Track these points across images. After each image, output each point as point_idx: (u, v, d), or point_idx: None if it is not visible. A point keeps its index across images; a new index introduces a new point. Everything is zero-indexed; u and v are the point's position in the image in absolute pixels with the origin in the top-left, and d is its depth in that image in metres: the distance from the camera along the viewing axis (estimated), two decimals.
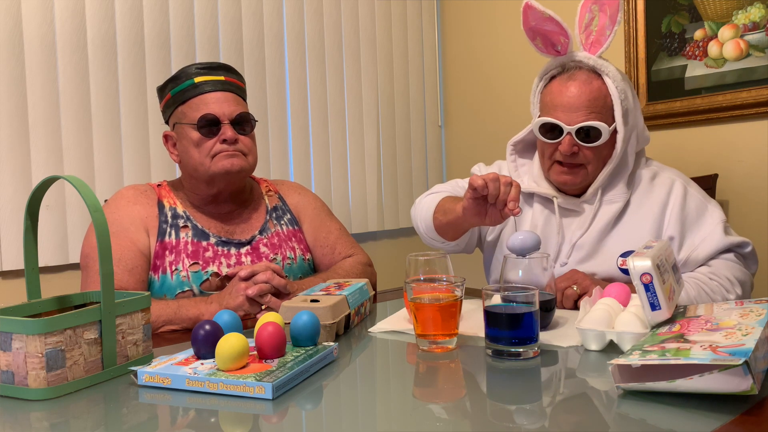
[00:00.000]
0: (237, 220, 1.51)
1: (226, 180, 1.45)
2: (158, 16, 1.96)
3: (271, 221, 1.55)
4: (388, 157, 2.62)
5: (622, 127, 1.36)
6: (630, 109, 1.39)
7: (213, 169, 1.41)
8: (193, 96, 1.43)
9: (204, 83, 1.44)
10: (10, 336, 0.85)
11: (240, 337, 0.89)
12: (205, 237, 1.45)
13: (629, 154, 1.41)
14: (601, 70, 1.38)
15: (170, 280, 1.39)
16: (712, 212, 1.39)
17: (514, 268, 1.13)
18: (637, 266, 0.94)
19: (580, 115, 1.34)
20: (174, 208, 1.47)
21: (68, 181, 0.92)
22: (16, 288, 1.71)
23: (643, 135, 1.45)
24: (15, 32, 1.70)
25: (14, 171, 1.71)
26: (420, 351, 1.04)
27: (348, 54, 2.48)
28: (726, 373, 0.71)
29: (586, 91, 1.35)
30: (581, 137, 1.35)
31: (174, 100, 1.45)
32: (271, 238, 1.52)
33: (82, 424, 0.79)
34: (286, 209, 1.60)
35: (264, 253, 1.49)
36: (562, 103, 1.36)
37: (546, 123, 1.37)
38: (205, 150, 1.42)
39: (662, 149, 2.11)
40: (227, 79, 1.47)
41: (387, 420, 0.76)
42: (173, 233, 1.43)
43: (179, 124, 1.45)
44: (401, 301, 1.45)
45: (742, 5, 1.90)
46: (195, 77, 1.43)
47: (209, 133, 1.42)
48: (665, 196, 1.40)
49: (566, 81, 1.38)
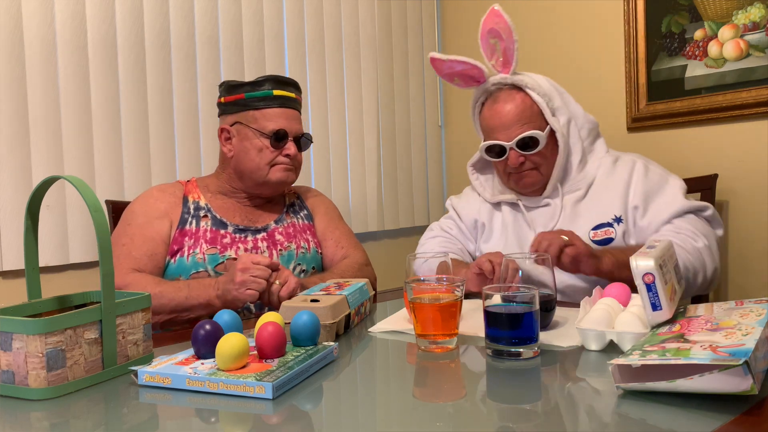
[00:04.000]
0: (255, 211, 1.62)
1: (277, 188, 1.60)
2: (158, 16, 1.96)
3: (288, 214, 1.66)
4: (388, 157, 2.62)
5: (557, 125, 1.51)
6: (558, 107, 1.54)
7: (270, 177, 1.55)
8: (269, 106, 1.54)
9: (281, 97, 1.55)
10: (10, 336, 0.85)
11: (240, 336, 0.89)
12: (224, 226, 1.55)
13: (573, 143, 1.55)
14: (519, 84, 1.53)
15: (186, 262, 1.47)
16: (673, 182, 1.51)
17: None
18: (640, 266, 0.94)
19: (515, 129, 1.51)
20: (197, 201, 1.58)
21: (68, 181, 0.92)
22: (16, 288, 1.71)
23: (586, 119, 1.58)
24: (15, 32, 1.70)
25: (14, 171, 1.70)
26: (420, 351, 1.04)
27: (348, 54, 2.47)
28: (726, 373, 0.71)
29: (512, 107, 1.52)
30: (523, 148, 1.50)
31: (247, 102, 1.54)
32: (286, 228, 1.62)
33: (82, 424, 0.79)
34: (303, 206, 1.72)
35: (279, 240, 1.59)
36: (495, 124, 1.53)
37: (489, 146, 1.54)
38: (267, 158, 1.54)
39: (662, 149, 2.11)
40: (297, 98, 1.59)
41: (387, 420, 0.76)
42: (194, 222, 1.54)
43: (244, 126, 1.55)
44: (401, 301, 1.45)
45: (742, 5, 1.90)
46: (274, 89, 1.54)
47: (276, 145, 1.54)
48: (628, 174, 1.52)
49: (492, 104, 1.55)
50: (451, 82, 1.63)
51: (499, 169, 1.60)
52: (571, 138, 1.55)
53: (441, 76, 1.63)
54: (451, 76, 1.60)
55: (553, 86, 1.57)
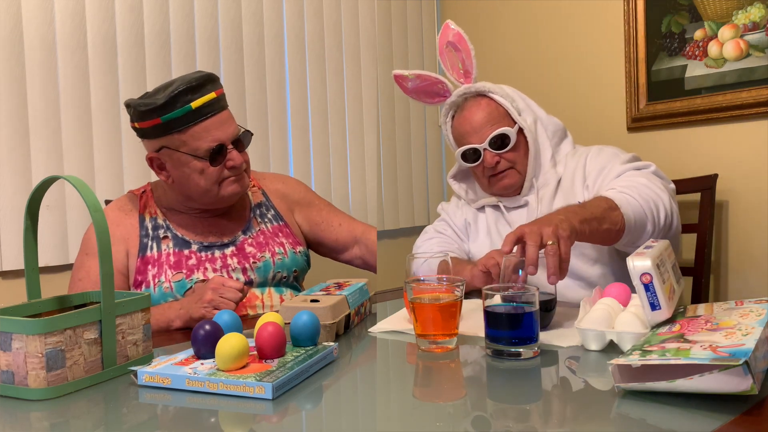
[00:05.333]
0: (219, 223, 1.49)
1: (232, 201, 1.47)
2: (158, 16, 1.96)
3: (255, 219, 1.53)
4: (388, 157, 2.62)
5: (524, 123, 1.55)
6: (523, 108, 1.60)
7: (222, 194, 1.41)
8: (192, 123, 1.34)
9: (202, 108, 1.34)
10: (10, 336, 0.85)
11: (240, 337, 0.89)
12: (187, 245, 1.43)
13: (542, 141, 1.59)
14: (483, 90, 1.59)
15: (153, 294, 1.37)
16: (623, 156, 1.52)
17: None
18: (637, 266, 0.94)
19: (485, 130, 1.54)
20: (155, 218, 1.46)
21: (68, 181, 0.92)
22: (16, 288, 1.71)
23: (550, 121, 1.62)
24: (15, 32, 1.70)
25: (14, 171, 1.71)
26: (420, 351, 1.04)
27: (348, 54, 2.47)
28: (726, 373, 0.71)
29: (480, 111, 1.56)
30: (496, 147, 1.54)
31: (167, 126, 1.34)
32: (256, 237, 1.50)
33: (82, 424, 0.79)
34: (269, 205, 1.58)
35: (251, 252, 1.47)
36: (467, 130, 1.57)
37: (463, 151, 1.57)
38: (212, 177, 1.38)
39: (662, 149, 2.11)
40: (217, 94, 1.38)
41: (387, 420, 0.76)
42: (154, 246, 1.42)
43: (174, 150, 1.36)
44: (401, 301, 1.45)
45: (742, 5, 1.90)
46: (191, 102, 1.32)
47: (218, 162, 1.37)
48: (584, 158, 1.56)
49: (461, 113, 1.60)
50: (420, 100, 1.66)
51: (477, 174, 1.62)
52: (540, 136, 1.59)
53: (407, 94, 1.66)
54: (417, 93, 1.64)
55: (516, 92, 1.62)
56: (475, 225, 1.68)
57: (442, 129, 1.67)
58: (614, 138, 2.17)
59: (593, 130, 2.22)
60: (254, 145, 2.18)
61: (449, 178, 1.75)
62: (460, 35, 1.57)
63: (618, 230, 1.25)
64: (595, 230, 1.19)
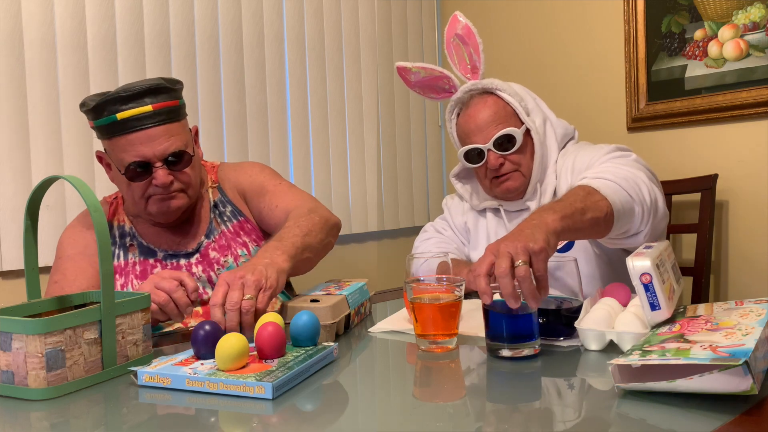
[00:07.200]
0: (183, 229, 1.45)
1: (165, 218, 1.39)
2: (158, 16, 1.96)
3: (216, 220, 1.46)
4: (388, 157, 2.62)
5: (532, 124, 1.50)
6: (532, 108, 1.54)
7: (150, 210, 1.35)
8: (116, 134, 1.27)
9: (128, 120, 1.25)
10: (10, 336, 0.85)
11: (240, 337, 0.89)
12: (152, 254, 1.40)
13: (550, 144, 1.53)
14: (490, 88, 1.53)
15: None
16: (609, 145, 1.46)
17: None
18: (637, 266, 0.94)
19: (491, 130, 1.49)
20: (122, 225, 1.43)
21: (68, 181, 0.92)
22: (16, 288, 1.71)
23: (559, 124, 1.56)
24: (15, 32, 1.70)
25: (14, 171, 1.71)
26: (420, 351, 1.04)
27: (348, 54, 2.47)
28: (726, 373, 0.71)
29: (486, 109, 1.51)
30: (501, 148, 1.49)
31: (98, 131, 1.31)
32: (218, 240, 1.44)
33: (82, 424, 0.79)
34: (225, 201, 1.49)
35: (214, 258, 1.42)
36: (471, 129, 1.52)
37: (467, 150, 1.52)
38: (137, 192, 1.31)
39: (662, 149, 2.11)
40: (156, 108, 1.27)
41: (387, 420, 0.76)
42: (121, 255, 1.40)
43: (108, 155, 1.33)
44: (401, 301, 1.45)
45: (742, 5, 1.90)
46: (117, 113, 1.24)
47: (139, 178, 1.29)
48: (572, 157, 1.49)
49: (467, 110, 1.54)
50: (425, 95, 1.61)
51: (480, 175, 1.57)
52: (548, 138, 1.53)
53: (410, 87, 1.61)
54: (423, 87, 1.60)
55: (526, 91, 1.56)
56: (476, 231, 1.65)
57: (447, 126, 1.63)
58: (614, 138, 2.17)
59: (593, 130, 2.22)
60: (254, 145, 2.18)
61: (452, 177, 1.72)
62: (468, 28, 1.52)
63: (606, 218, 1.12)
64: (579, 223, 1.07)
